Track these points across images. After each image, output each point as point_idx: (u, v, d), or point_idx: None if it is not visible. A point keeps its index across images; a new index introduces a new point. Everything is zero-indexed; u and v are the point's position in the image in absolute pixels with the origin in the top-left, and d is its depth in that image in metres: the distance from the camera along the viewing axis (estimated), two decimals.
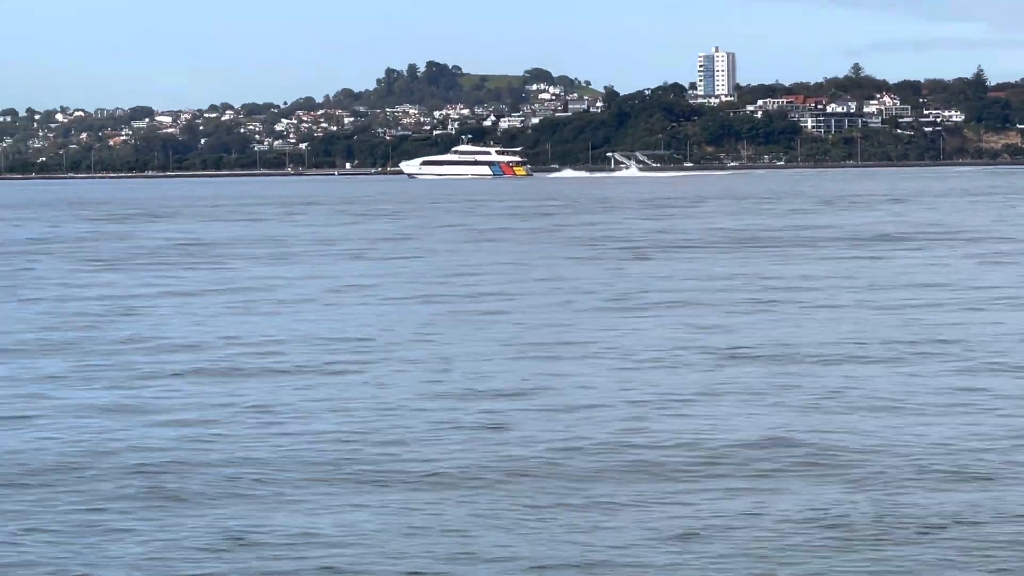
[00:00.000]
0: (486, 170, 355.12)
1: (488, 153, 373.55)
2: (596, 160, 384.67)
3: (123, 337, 47.08)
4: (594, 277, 67.90)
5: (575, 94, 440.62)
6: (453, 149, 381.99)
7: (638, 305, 53.90)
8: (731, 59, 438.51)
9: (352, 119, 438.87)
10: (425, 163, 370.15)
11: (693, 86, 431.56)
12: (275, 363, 41.16)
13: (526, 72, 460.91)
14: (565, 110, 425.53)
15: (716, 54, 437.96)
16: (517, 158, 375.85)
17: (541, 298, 59.36)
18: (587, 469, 24.13)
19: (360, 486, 22.37)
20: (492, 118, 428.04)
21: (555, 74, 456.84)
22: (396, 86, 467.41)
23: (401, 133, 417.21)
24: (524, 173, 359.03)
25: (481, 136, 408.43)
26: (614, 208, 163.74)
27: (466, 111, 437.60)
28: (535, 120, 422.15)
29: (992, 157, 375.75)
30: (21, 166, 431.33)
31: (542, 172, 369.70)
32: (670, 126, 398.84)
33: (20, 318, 54.02)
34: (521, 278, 69.20)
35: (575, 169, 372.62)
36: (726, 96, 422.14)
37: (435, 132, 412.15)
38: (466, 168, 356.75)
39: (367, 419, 31.10)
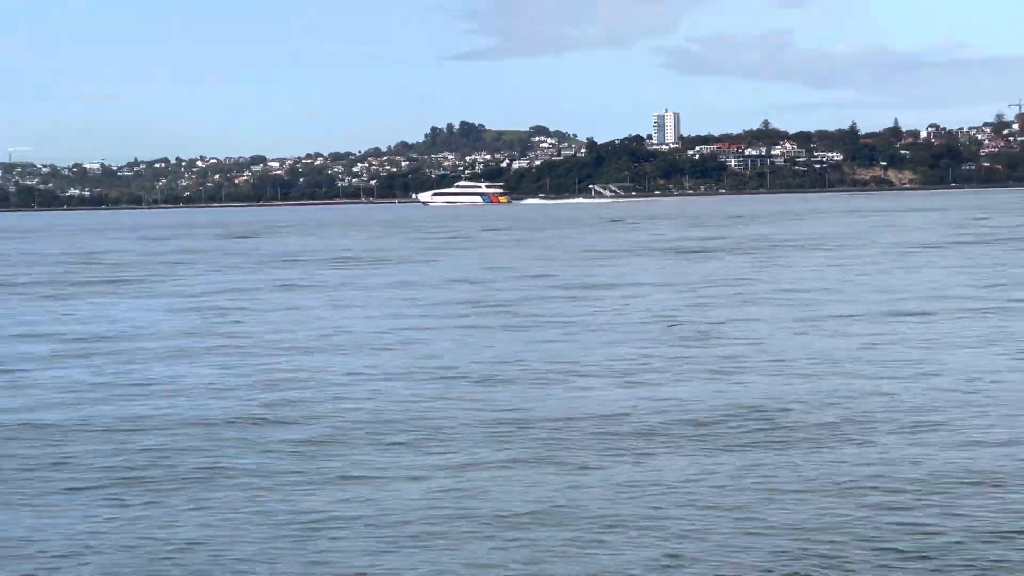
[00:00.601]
0: (479, 199, 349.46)
1: (479, 187, 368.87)
2: (581, 191, 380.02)
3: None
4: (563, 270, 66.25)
5: (566, 143, 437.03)
6: (455, 184, 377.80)
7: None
8: (677, 117, 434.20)
9: (407, 163, 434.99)
10: (435, 194, 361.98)
11: (650, 137, 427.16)
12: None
13: (531, 128, 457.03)
14: (559, 155, 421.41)
15: (666, 113, 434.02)
16: (501, 190, 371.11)
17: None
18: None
19: None
20: (507, 161, 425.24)
21: (551, 129, 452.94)
22: (438, 139, 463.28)
23: (442, 172, 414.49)
24: (506, 201, 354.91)
25: (499, 174, 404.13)
26: (577, 223, 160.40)
27: (488, 156, 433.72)
28: (538, 162, 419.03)
29: (863, 185, 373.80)
30: (172, 199, 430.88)
31: (518, 199, 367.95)
32: (633, 165, 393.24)
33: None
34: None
35: (542, 198, 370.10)
36: (673, 144, 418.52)
37: (466, 172, 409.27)
38: (465, 198, 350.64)
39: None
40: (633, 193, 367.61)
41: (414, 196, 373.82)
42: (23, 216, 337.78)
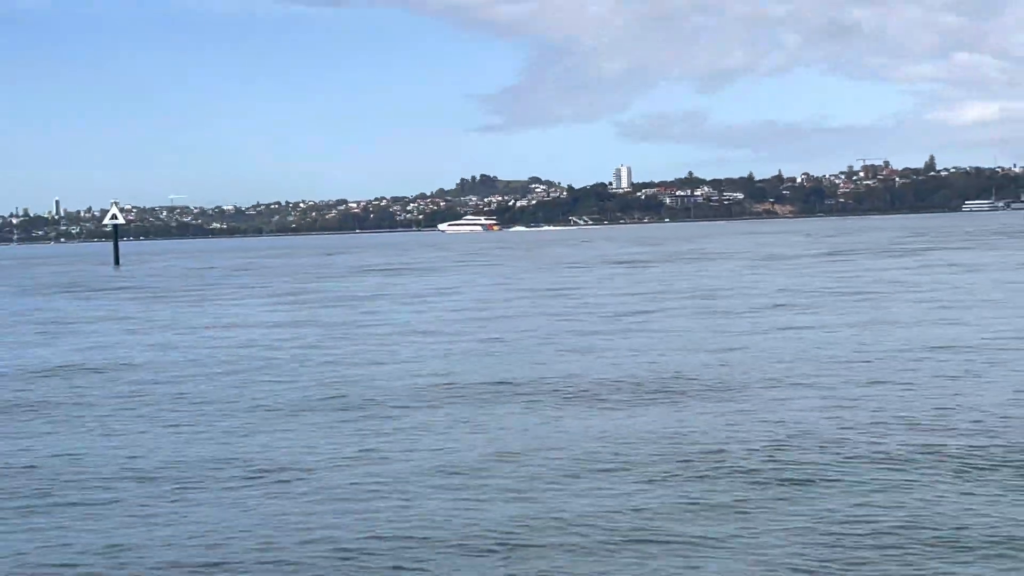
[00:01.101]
0: (479, 228, 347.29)
1: (480, 219, 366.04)
2: (563, 221, 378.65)
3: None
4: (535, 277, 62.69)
5: (554, 188, 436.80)
6: (464, 217, 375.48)
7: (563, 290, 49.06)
8: (629, 170, 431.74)
9: (444, 203, 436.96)
10: (449, 224, 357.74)
11: (611, 183, 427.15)
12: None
13: (529, 178, 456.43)
14: (548, 196, 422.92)
15: (622, 167, 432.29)
16: (494, 221, 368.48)
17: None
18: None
19: None
20: (512, 201, 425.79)
21: (543, 178, 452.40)
22: (465, 186, 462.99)
23: (467, 210, 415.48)
24: (497, 228, 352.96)
25: (507, 211, 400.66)
26: (558, 243, 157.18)
27: (499, 198, 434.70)
28: (534, 202, 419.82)
29: (757, 215, 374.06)
30: (283, 229, 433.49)
31: (507, 227, 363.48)
32: (600, 203, 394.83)
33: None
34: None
35: (523, 227, 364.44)
36: (627, 188, 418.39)
37: (484, 209, 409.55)
38: (468, 227, 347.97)
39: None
40: (604, 222, 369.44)
41: (437, 227, 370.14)
42: (186, 242, 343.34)
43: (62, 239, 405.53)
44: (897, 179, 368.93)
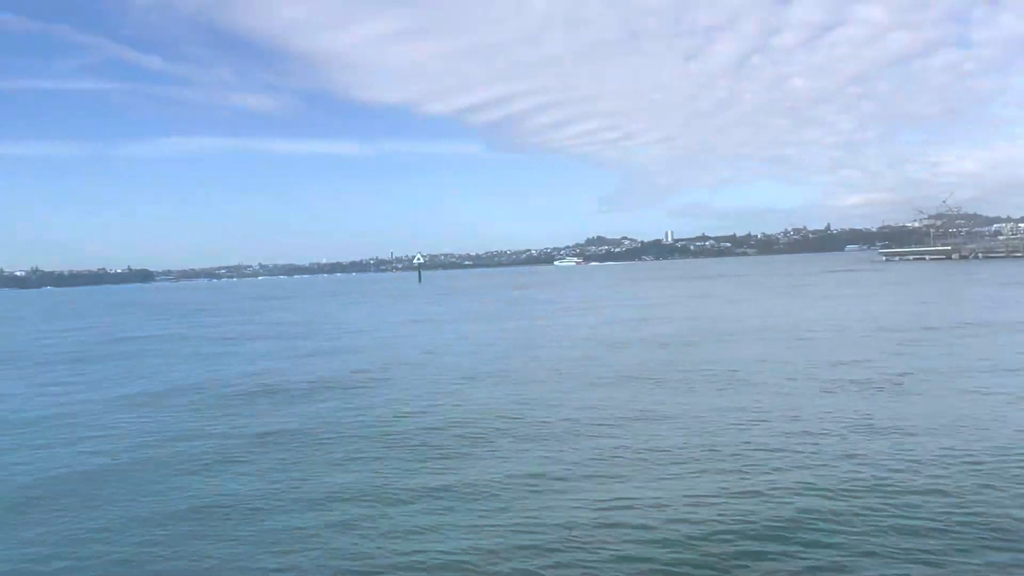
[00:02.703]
0: (574, 264, 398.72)
1: (575, 259, 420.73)
2: (638, 259, 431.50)
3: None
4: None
5: (634, 241, 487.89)
6: (566, 259, 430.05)
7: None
8: (672, 232, 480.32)
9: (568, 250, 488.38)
10: (558, 262, 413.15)
11: (663, 239, 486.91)
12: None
13: (621, 236, 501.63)
14: (631, 247, 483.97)
15: (668, 231, 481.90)
16: (581, 259, 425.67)
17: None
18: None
19: None
20: (613, 249, 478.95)
21: (629, 236, 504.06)
22: (590, 241, 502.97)
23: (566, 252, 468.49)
24: (583, 263, 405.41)
25: (612, 256, 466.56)
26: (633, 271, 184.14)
27: (606, 248, 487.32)
28: (624, 249, 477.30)
29: (738, 255, 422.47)
30: (487, 264, 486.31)
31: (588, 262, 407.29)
32: (657, 249, 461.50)
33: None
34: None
35: (599, 262, 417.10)
36: (671, 241, 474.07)
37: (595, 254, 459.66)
38: (569, 263, 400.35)
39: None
40: (659, 259, 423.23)
41: (553, 263, 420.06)
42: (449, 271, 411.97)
43: (393, 270, 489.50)
44: (810, 235, 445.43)
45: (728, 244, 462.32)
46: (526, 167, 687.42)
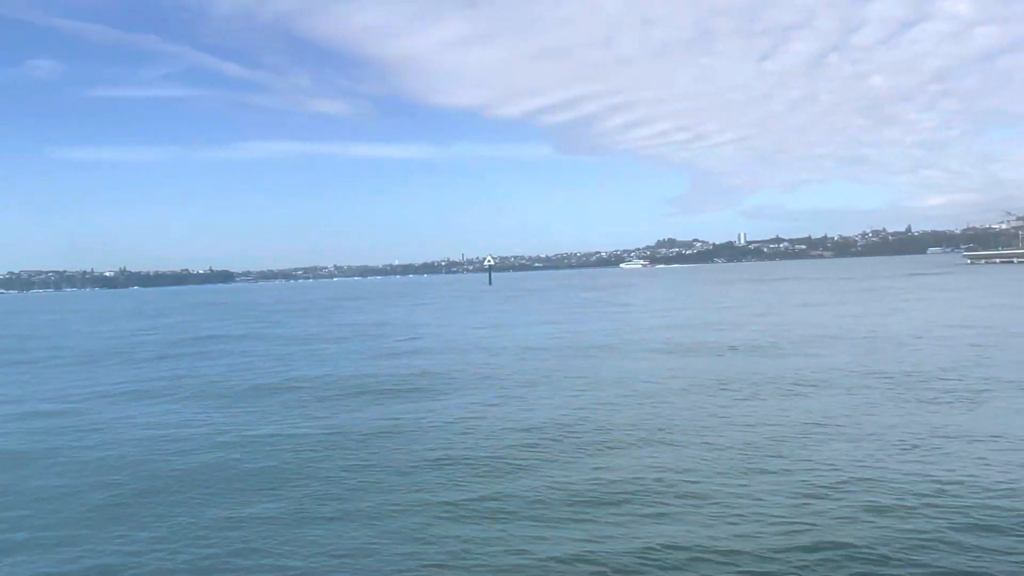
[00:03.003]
0: (639, 266, 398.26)
1: (641, 262, 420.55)
2: (710, 262, 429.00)
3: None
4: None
5: (706, 244, 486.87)
6: (633, 261, 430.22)
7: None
8: (745, 234, 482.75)
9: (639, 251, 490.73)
10: (625, 264, 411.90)
11: (735, 241, 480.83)
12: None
13: (693, 238, 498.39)
14: (703, 249, 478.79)
15: (741, 232, 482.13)
16: (647, 262, 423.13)
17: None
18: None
19: None
20: (684, 251, 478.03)
21: (701, 239, 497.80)
22: (660, 243, 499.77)
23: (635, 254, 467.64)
24: (650, 266, 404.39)
25: (683, 258, 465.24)
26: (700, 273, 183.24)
27: (677, 250, 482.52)
28: (695, 251, 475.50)
29: (814, 257, 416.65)
30: (556, 266, 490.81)
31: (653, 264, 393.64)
32: (730, 251, 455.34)
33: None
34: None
35: (666, 264, 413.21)
36: (744, 243, 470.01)
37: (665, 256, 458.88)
38: (635, 266, 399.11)
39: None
40: (731, 262, 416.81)
41: (620, 265, 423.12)
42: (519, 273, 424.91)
43: (464, 271, 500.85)
44: (889, 236, 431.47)
45: (803, 246, 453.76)
46: (596, 169, 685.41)
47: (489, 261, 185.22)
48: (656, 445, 15.07)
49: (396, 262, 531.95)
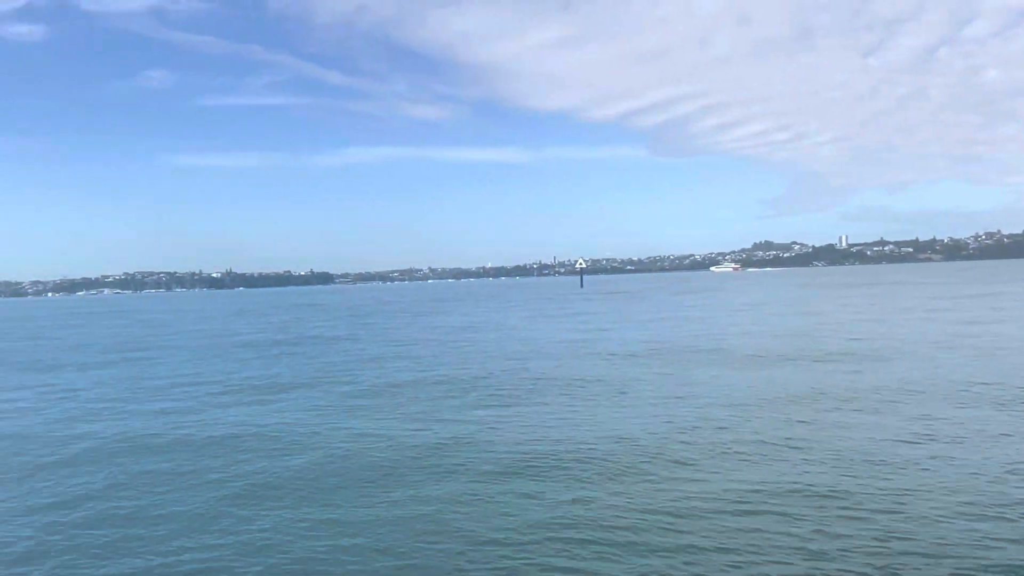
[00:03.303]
0: (730, 270, 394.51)
1: (731, 265, 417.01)
2: (810, 265, 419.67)
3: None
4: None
5: (804, 247, 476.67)
6: (722, 264, 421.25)
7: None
8: (846, 236, 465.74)
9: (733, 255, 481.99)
10: (715, 267, 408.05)
11: (836, 243, 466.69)
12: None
13: (791, 241, 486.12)
14: (802, 252, 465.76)
15: (842, 235, 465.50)
16: (738, 266, 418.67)
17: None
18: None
19: None
20: (781, 254, 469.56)
21: (799, 241, 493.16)
22: (757, 246, 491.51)
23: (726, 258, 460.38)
24: (741, 270, 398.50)
25: (780, 261, 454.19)
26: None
27: (775, 253, 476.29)
28: (793, 255, 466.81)
29: (922, 261, 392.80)
30: (644, 269, 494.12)
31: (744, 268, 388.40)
32: (831, 255, 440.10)
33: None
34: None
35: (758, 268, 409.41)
36: (845, 246, 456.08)
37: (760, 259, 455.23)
38: (725, 269, 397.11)
39: None
40: (831, 265, 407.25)
41: (710, 268, 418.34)
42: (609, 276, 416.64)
43: (556, 274, 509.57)
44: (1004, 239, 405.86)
45: (909, 249, 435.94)
46: (691, 171, 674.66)
47: (581, 264, 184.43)
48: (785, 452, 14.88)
49: (488, 264, 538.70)
